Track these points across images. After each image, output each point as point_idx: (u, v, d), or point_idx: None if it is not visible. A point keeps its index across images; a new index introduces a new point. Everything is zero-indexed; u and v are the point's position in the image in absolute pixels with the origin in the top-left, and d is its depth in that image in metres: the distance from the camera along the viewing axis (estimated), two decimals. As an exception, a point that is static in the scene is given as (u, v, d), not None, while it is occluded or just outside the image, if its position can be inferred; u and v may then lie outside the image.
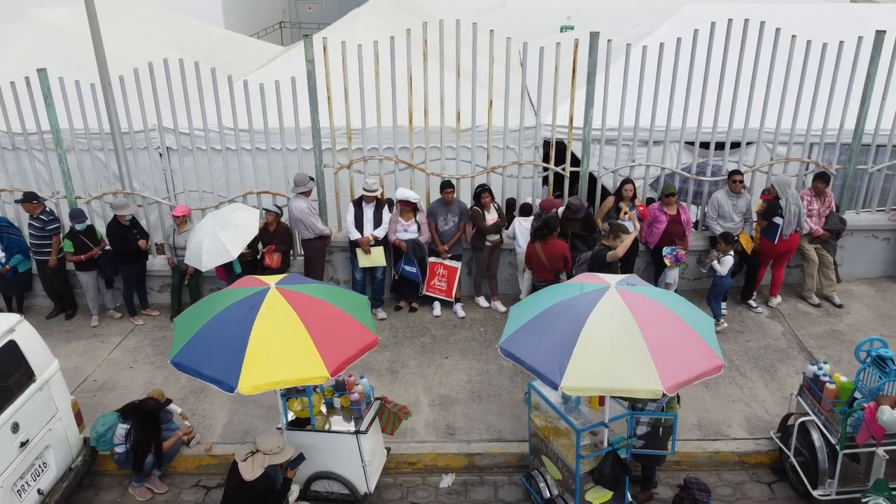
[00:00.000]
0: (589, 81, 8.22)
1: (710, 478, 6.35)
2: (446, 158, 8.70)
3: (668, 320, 4.62)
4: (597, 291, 4.81)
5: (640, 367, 4.36)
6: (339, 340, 5.09)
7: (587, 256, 7.14)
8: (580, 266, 7.11)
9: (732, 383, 7.30)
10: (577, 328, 4.57)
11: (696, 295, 8.67)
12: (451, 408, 7.14)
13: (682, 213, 8.36)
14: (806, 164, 8.78)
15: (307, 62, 8.24)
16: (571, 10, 20.51)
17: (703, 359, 4.51)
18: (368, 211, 8.49)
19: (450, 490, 6.37)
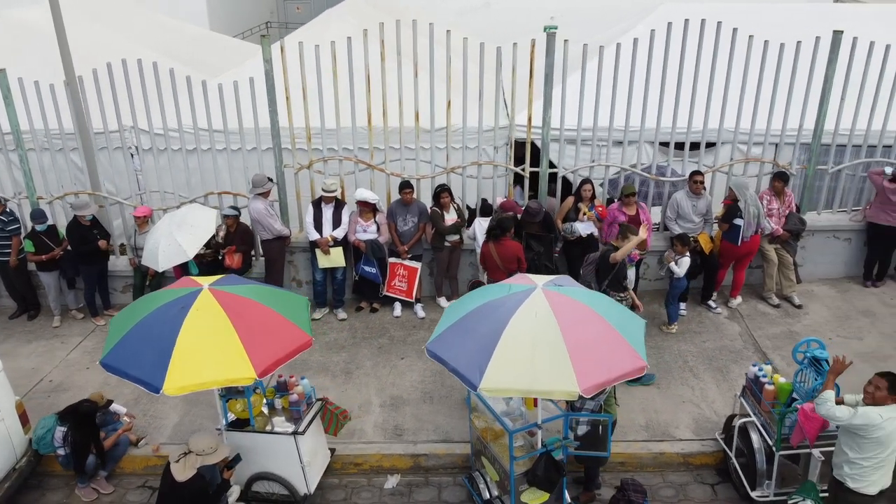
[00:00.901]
0: (546, 83, 8.21)
1: (655, 479, 6.35)
2: (406, 159, 8.69)
3: (591, 322, 4.61)
4: (523, 292, 4.81)
5: (558, 368, 4.35)
6: (269, 342, 5.09)
7: (595, 257, 7.10)
8: (588, 266, 7.07)
9: (685, 384, 7.29)
10: (499, 329, 4.56)
11: (658, 295, 8.70)
12: (401, 409, 7.14)
13: (641, 214, 8.34)
14: (766, 164, 8.74)
15: (264, 62, 8.25)
16: (555, 11, 20.53)
17: (624, 360, 4.51)
18: (328, 211, 8.49)
19: (394, 491, 6.37)
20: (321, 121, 8.45)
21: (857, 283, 9.00)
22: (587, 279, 6.98)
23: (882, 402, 4.81)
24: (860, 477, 4.87)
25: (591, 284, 6.92)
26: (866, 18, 10.34)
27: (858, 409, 4.78)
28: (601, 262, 6.97)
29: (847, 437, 4.89)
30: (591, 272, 6.99)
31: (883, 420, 4.73)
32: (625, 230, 7.06)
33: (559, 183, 8.92)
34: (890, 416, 4.78)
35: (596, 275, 6.95)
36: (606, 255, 6.94)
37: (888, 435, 4.75)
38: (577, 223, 8.33)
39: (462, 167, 8.67)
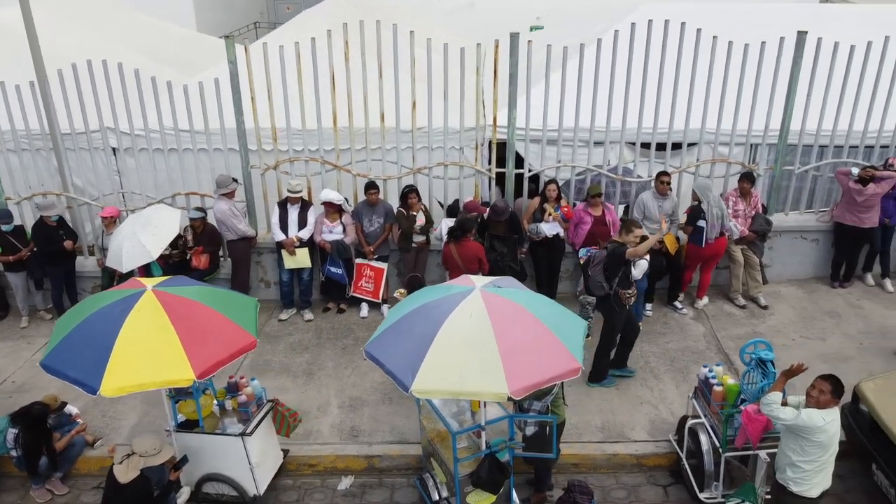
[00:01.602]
0: (511, 83, 8.20)
1: (608, 480, 6.35)
2: (373, 159, 8.69)
3: (525, 323, 4.60)
4: (460, 294, 4.80)
5: (488, 369, 4.34)
6: (210, 343, 5.09)
7: (601, 255, 6.95)
8: (595, 266, 6.95)
9: (644, 385, 7.28)
10: (433, 331, 4.55)
11: (625, 296, 8.66)
12: (359, 410, 7.13)
13: (607, 214, 8.33)
14: (734, 165, 8.72)
15: (229, 63, 8.25)
16: (541, 11, 20.54)
17: (557, 362, 4.50)
18: (293, 212, 8.49)
19: (347, 492, 6.37)
20: (286, 121, 8.45)
21: (825, 284, 8.99)
22: (597, 278, 6.90)
23: (826, 405, 4.80)
24: (803, 480, 4.86)
25: (601, 284, 6.86)
26: (850, 19, 10.33)
27: (802, 411, 4.77)
28: (609, 260, 6.81)
29: (790, 441, 4.88)
30: (599, 271, 6.89)
31: (826, 423, 4.73)
32: (629, 225, 6.91)
33: (538, 183, 8.82)
34: (833, 419, 4.77)
35: (604, 273, 6.85)
36: (615, 253, 6.76)
37: (830, 438, 4.75)
38: (543, 224, 8.32)
39: (428, 168, 8.66)
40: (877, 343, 7.78)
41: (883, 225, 8.58)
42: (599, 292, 6.93)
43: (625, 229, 6.90)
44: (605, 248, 6.95)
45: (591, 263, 7.01)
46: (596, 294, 6.99)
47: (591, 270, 6.99)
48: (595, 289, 6.96)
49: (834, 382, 4.81)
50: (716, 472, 5.67)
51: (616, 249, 6.78)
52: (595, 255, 7.00)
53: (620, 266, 6.76)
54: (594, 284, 6.94)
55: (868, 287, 8.90)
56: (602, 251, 6.96)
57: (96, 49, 10.54)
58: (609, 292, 6.85)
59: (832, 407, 4.80)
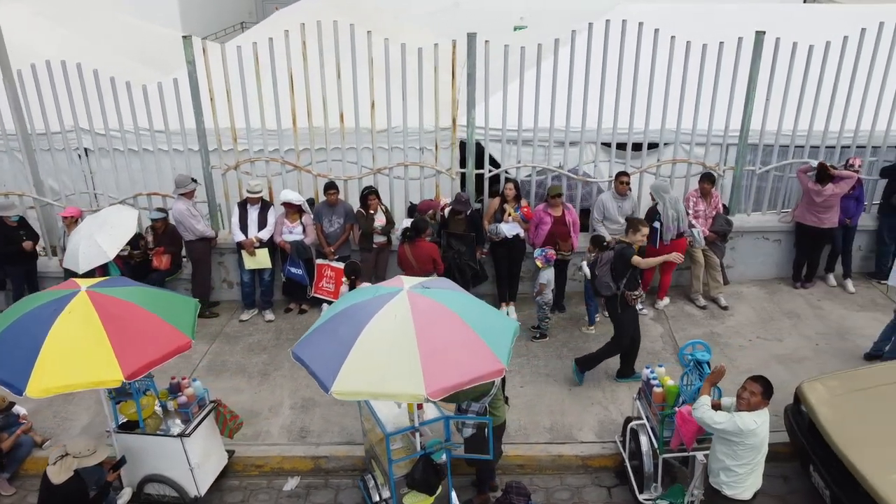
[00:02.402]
0: (469, 83, 8.19)
1: (553, 481, 6.34)
2: (333, 160, 8.68)
3: (449, 325, 4.58)
4: (387, 295, 4.79)
5: (407, 371, 4.33)
6: (141, 344, 5.08)
7: (609, 256, 6.96)
8: (603, 266, 6.95)
9: (597, 386, 7.26)
10: (356, 332, 4.54)
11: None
12: (311, 410, 7.12)
13: (567, 215, 8.30)
14: (695, 165, 8.70)
15: (187, 63, 8.25)
16: (524, 11, 20.53)
17: (479, 363, 4.48)
18: (253, 213, 8.49)
19: (292, 493, 6.36)
20: (246, 121, 8.45)
21: (787, 285, 8.96)
22: (604, 279, 6.90)
23: (756, 406, 4.79)
24: (736, 484, 4.84)
25: (609, 284, 6.86)
26: (831, 19, 10.29)
27: (735, 415, 4.75)
28: (617, 261, 6.78)
29: (722, 445, 4.86)
30: (606, 271, 6.88)
31: (757, 426, 4.71)
32: (636, 224, 6.87)
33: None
34: (763, 421, 4.76)
35: (612, 273, 6.84)
36: (623, 254, 6.73)
37: (762, 440, 4.73)
38: (502, 224, 8.30)
39: (388, 168, 8.65)
40: (833, 344, 7.76)
41: (844, 225, 8.55)
42: (606, 292, 6.94)
43: (632, 229, 6.85)
44: (612, 248, 6.92)
45: (598, 263, 7.01)
46: (603, 294, 7.02)
47: (598, 271, 6.99)
48: (602, 289, 6.98)
49: (764, 384, 4.80)
50: (655, 474, 5.65)
51: (625, 250, 6.73)
52: (602, 255, 7.00)
53: (629, 267, 6.71)
54: (601, 284, 6.96)
55: (830, 287, 8.87)
56: (610, 252, 6.93)
57: (75, 49, 10.58)
58: (616, 292, 6.83)
59: (762, 408, 4.78)
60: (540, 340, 8.06)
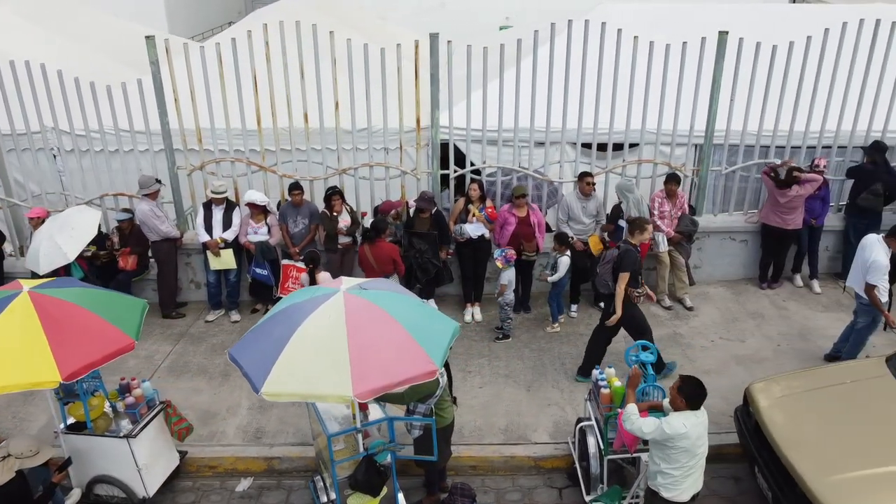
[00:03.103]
0: (433, 83, 8.18)
1: (505, 482, 6.33)
2: (298, 160, 8.67)
3: (382, 326, 4.57)
4: (323, 296, 4.78)
5: (336, 372, 4.32)
6: (81, 345, 5.08)
7: (612, 255, 6.87)
8: (605, 265, 6.94)
9: (555, 387, 7.25)
10: (289, 333, 4.53)
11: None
12: (268, 411, 7.11)
13: (531, 215, 8.29)
14: (661, 166, 8.69)
15: (151, 64, 8.24)
16: (510, 11, 20.55)
17: (411, 365, 4.46)
18: (218, 213, 8.48)
19: (244, 494, 6.35)
20: (211, 122, 8.44)
21: (754, 285, 8.95)
22: (604, 277, 6.92)
23: (680, 409, 4.80)
24: (673, 486, 4.83)
25: (607, 283, 6.89)
26: (812, 19, 10.24)
27: (663, 420, 4.74)
28: (624, 261, 6.72)
29: (657, 449, 4.86)
30: (608, 270, 6.89)
31: (687, 429, 4.70)
32: (641, 224, 6.90)
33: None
34: (695, 423, 4.74)
35: (613, 272, 6.85)
36: (628, 254, 6.71)
37: (694, 442, 4.71)
38: (467, 225, 8.29)
39: (353, 168, 8.64)
40: (794, 345, 7.74)
41: (810, 226, 8.54)
42: (605, 290, 6.97)
43: (637, 229, 6.85)
44: (617, 248, 6.91)
45: (601, 262, 7.01)
46: (602, 292, 7.05)
47: (600, 269, 7.00)
48: (601, 287, 7.02)
49: (688, 385, 4.79)
50: (601, 475, 5.63)
51: (629, 251, 6.74)
52: (606, 254, 7.01)
53: (635, 266, 6.72)
54: (601, 283, 6.99)
55: (796, 288, 8.86)
56: (613, 251, 6.93)
57: (55, 50, 10.60)
58: (613, 291, 6.83)
59: (689, 411, 4.76)
60: (503, 341, 8.05)
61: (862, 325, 6.97)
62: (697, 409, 4.70)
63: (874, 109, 8.47)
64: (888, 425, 5.10)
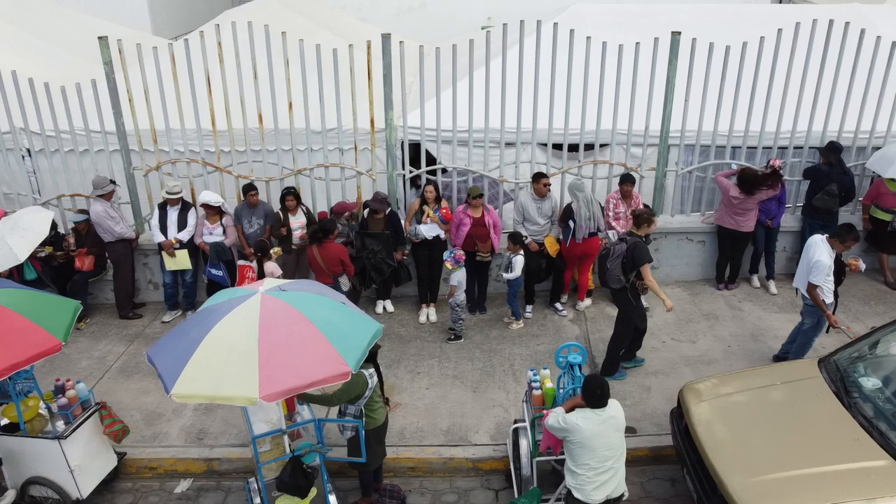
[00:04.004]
0: (385, 83, 8.17)
1: (443, 484, 6.32)
2: (253, 161, 8.66)
3: (296, 327, 4.55)
4: (242, 297, 4.77)
5: (244, 374, 4.31)
6: (4, 346, 5.06)
7: (621, 250, 6.86)
8: (614, 259, 6.92)
9: (502, 388, 7.24)
10: (202, 334, 4.52)
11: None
12: (213, 412, 7.11)
13: (486, 216, 8.27)
14: (617, 166, 8.67)
15: (104, 65, 8.24)
16: (491, 11, 20.50)
17: (322, 366, 4.44)
18: (173, 214, 8.48)
19: (182, 495, 6.35)
20: (165, 123, 8.44)
21: (711, 286, 8.92)
22: (615, 272, 6.91)
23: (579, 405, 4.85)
24: (580, 486, 4.84)
25: (619, 277, 6.88)
26: (789, 19, 10.20)
27: (561, 414, 4.77)
28: (635, 254, 6.74)
29: (565, 447, 4.90)
30: (617, 265, 6.89)
31: (581, 425, 4.72)
32: (647, 215, 6.92)
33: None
34: (592, 421, 4.75)
35: (622, 266, 6.86)
36: (639, 247, 6.74)
37: (589, 439, 4.70)
38: (421, 225, 8.28)
39: (309, 169, 8.63)
40: (745, 346, 7.72)
41: (766, 227, 8.52)
42: (616, 285, 6.94)
43: (644, 222, 6.88)
44: (623, 241, 6.91)
45: (610, 257, 6.97)
46: (613, 287, 7.00)
47: (609, 264, 6.95)
48: (612, 282, 6.96)
49: (592, 383, 4.81)
50: (532, 477, 5.62)
51: (638, 244, 6.75)
52: (615, 249, 6.97)
53: (647, 257, 6.74)
54: (612, 278, 6.94)
55: (753, 289, 8.84)
56: (621, 245, 6.91)
57: (29, 51, 10.59)
58: (626, 285, 6.85)
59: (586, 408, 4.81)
60: (454, 342, 8.03)
61: (808, 327, 6.95)
62: (598, 408, 4.70)
63: (829, 110, 8.43)
64: (812, 427, 5.07)
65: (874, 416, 5.00)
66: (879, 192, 8.57)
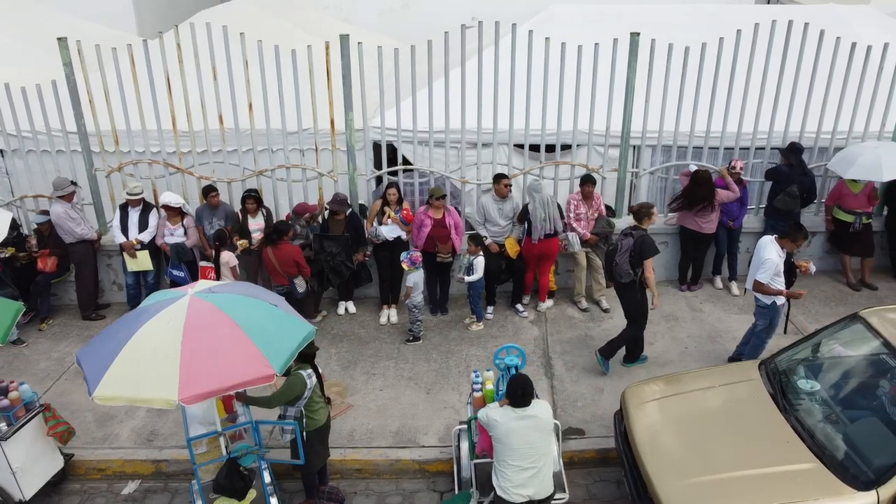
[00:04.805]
0: (345, 84, 8.16)
1: (389, 486, 6.31)
2: (215, 162, 8.66)
3: (221, 330, 4.54)
4: (171, 299, 4.76)
5: (165, 376, 4.30)
6: (-63, 348, 5.07)
7: (629, 244, 6.92)
8: (623, 254, 6.96)
9: (455, 390, 7.22)
10: (127, 336, 4.52)
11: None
12: (166, 414, 7.08)
13: (447, 217, 8.26)
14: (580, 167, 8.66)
15: (64, 66, 8.23)
16: (475, 11, 20.46)
17: (246, 369, 4.43)
18: (134, 215, 8.48)
19: (128, 497, 6.34)
20: (126, 124, 8.43)
21: (674, 287, 8.91)
22: (623, 266, 6.97)
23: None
24: (502, 485, 4.89)
25: (628, 271, 6.94)
26: (763, 19, 10.16)
27: (485, 410, 4.85)
28: (642, 248, 6.83)
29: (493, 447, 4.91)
30: (625, 259, 6.94)
31: (499, 421, 4.76)
32: (647, 209, 7.00)
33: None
34: (511, 418, 4.76)
35: (630, 260, 6.92)
36: (645, 240, 6.85)
37: (506, 435, 4.73)
38: (382, 227, 8.28)
39: (270, 170, 8.62)
40: (702, 347, 7.71)
41: (727, 228, 8.50)
42: (626, 279, 6.99)
43: (645, 216, 6.97)
44: (629, 236, 6.97)
45: (618, 251, 7.02)
46: (622, 281, 7.04)
47: (618, 258, 7.00)
48: (622, 276, 7.01)
49: (514, 382, 4.83)
50: (471, 478, 5.60)
51: (644, 237, 6.83)
52: (622, 243, 7.01)
53: (654, 250, 6.85)
54: (620, 272, 6.99)
55: (716, 290, 8.82)
56: (628, 239, 6.95)
57: (5, 51, 10.60)
58: (635, 279, 6.90)
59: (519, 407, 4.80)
60: (413, 343, 8.02)
61: (760, 328, 6.94)
62: (520, 407, 4.70)
63: (790, 111, 8.41)
64: (745, 430, 5.04)
65: (805, 419, 4.98)
66: (842, 194, 8.55)
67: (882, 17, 10.97)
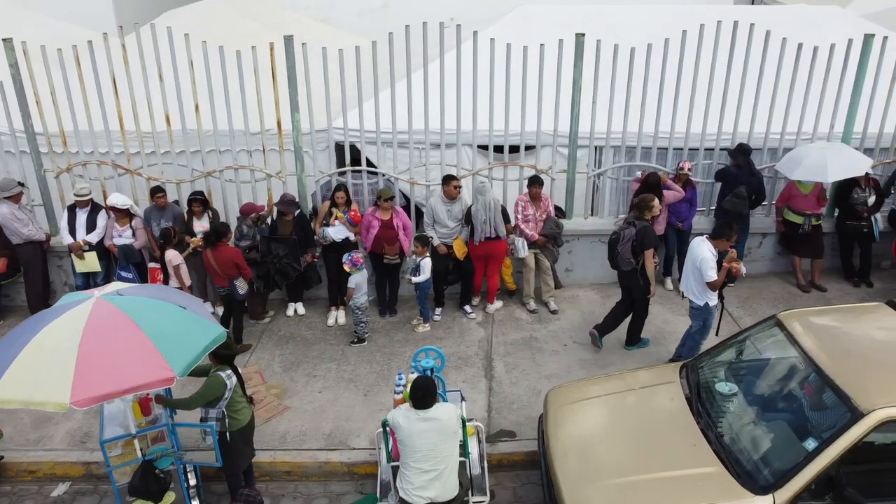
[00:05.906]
0: (290, 85, 8.15)
1: (317, 488, 6.29)
2: (164, 163, 8.65)
3: (121, 333, 4.53)
4: (77, 301, 4.76)
5: (58, 379, 4.30)
6: None
7: (631, 234, 7.14)
8: (625, 244, 7.17)
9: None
10: (28, 338, 4.51)
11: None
12: (103, 415, 7.08)
13: (395, 219, 8.24)
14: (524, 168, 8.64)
15: (10, 66, 8.22)
16: (455, 12, 20.43)
17: (144, 372, 4.43)
18: (82, 216, 8.46)
19: (57, 499, 6.34)
20: (74, 124, 8.42)
21: (624, 288, 8.88)
22: (626, 255, 7.20)
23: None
24: (403, 486, 4.91)
25: (630, 260, 7.20)
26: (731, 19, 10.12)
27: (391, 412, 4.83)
28: (644, 238, 7.07)
29: None
30: (628, 249, 7.15)
31: (401, 423, 4.79)
32: (647, 201, 7.20)
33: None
34: (412, 419, 4.77)
35: (632, 250, 7.16)
36: (647, 231, 7.10)
37: (409, 437, 4.74)
38: (329, 228, 8.26)
39: (219, 171, 8.61)
40: (645, 350, 7.68)
41: (676, 229, 8.48)
42: (627, 267, 7.24)
43: (645, 208, 7.17)
44: (632, 225, 7.15)
45: (621, 241, 7.20)
46: (623, 269, 7.30)
47: (620, 248, 7.19)
48: (623, 265, 7.26)
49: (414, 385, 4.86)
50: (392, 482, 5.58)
51: (647, 227, 7.10)
52: (624, 233, 7.19)
53: (655, 240, 7.23)
54: (623, 261, 7.24)
55: (666, 291, 8.80)
56: (630, 229, 7.13)
57: None
58: (636, 267, 7.16)
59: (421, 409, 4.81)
60: (357, 345, 8.01)
61: (695, 330, 6.93)
62: (421, 409, 4.69)
63: (738, 111, 8.39)
64: (657, 433, 5.02)
65: (715, 422, 4.96)
66: (791, 195, 8.53)
67: (855, 18, 10.94)
